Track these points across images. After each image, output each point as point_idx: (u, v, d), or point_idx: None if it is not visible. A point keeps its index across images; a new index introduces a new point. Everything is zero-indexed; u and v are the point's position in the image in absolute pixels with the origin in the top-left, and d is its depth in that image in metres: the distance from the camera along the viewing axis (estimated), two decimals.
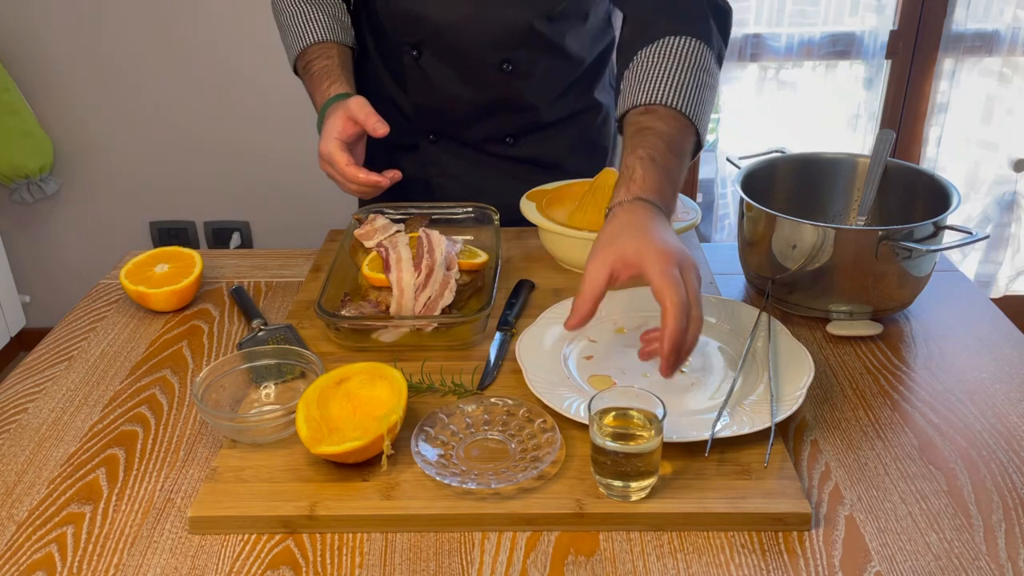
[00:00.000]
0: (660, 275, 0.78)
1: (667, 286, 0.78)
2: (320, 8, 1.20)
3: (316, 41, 1.18)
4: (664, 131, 0.93)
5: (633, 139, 0.93)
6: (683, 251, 0.82)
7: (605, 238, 0.84)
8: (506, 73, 1.18)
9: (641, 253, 0.80)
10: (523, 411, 0.84)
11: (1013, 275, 2.57)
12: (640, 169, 0.89)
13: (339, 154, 1.07)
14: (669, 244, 0.82)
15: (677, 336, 0.77)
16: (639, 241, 0.81)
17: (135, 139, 2.39)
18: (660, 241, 0.81)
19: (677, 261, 0.80)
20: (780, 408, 0.82)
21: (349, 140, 1.09)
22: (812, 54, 2.28)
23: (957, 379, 0.94)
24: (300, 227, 2.49)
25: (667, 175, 0.90)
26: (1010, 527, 0.74)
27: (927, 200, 1.05)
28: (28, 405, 0.93)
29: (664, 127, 0.93)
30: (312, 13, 1.19)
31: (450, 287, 0.99)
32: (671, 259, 0.80)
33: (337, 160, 1.07)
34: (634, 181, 0.89)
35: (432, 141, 1.29)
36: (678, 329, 0.77)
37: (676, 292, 0.78)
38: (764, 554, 0.71)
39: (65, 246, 2.54)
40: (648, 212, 0.86)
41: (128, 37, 2.27)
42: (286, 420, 0.81)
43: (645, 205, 0.87)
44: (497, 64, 1.18)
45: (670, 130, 0.93)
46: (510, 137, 1.27)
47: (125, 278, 1.09)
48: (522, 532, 0.74)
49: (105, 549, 0.73)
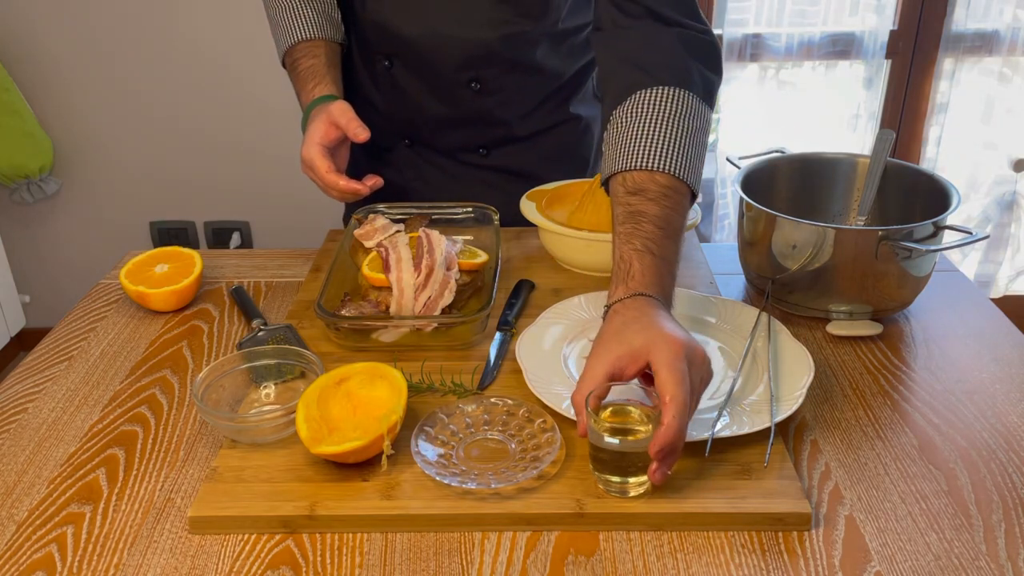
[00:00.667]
0: (667, 367, 0.73)
1: (672, 381, 0.72)
2: (310, 4, 1.19)
3: (304, 38, 1.17)
4: (657, 214, 0.87)
5: (624, 226, 0.87)
6: (692, 344, 0.76)
7: (607, 334, 0.78)
8: (475, 91, 1.18)
9: (649, 345, 0.75)
10: (523, 411, 0.84)
11: (1013, 275, 2.57)
12: (637, 263, 0.84)
13: (320, 160, 1.07)
14: (679, 335, 0.76)
15: (672, 437, 0.71)
16: (646, 333, 0.76)
17: (135, 139, 2.39)
18: (669, 332, 0.76)
19: (686, 354, 0.75)
20: (780, 408, 0.82)
21: (331, 145, 1.09)
22: (812, 54, 2.28)
23: (957, 379, 0.94)
24: (300, 227, 2.49)
25: (665, 265, 0.85)
26: (1010, 527, 0.74)
27: (927, 200, 1.05)
28: (28, 405, 0.93)
29: (656, 209, 0.87)
30: (302, 9, 1.18)
31: (450, 287, 0.99)
32: (680, 351, 0.74)
33: (318, 166, 1.07)
34: (632, 277, 0.83)
35: (408, 146, 1.28)
36: (676, 428, 0.71)
37: (680, 388, 0.72)
38: (764, 554, 0.71)
39: (65, 246, 2.54)
40: (651, 306, 0.81)
41: (128, 37, 2.27)
42: (286, 420, 0.81)
43: (647, 300, 0.81)
44: (465, 82, 1.17)
45: (663, 211, 0.88)
46: (483, 148, 1.26)
47: (125, 278, 1.09)
48: (522, 532, 0.74)
49: (105, 549, 0.73)
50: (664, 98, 0.92)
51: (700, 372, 0.76)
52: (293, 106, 2.41)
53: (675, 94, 0.92)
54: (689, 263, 1.17)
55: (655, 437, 0.71)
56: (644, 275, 0.83)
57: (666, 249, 0.86)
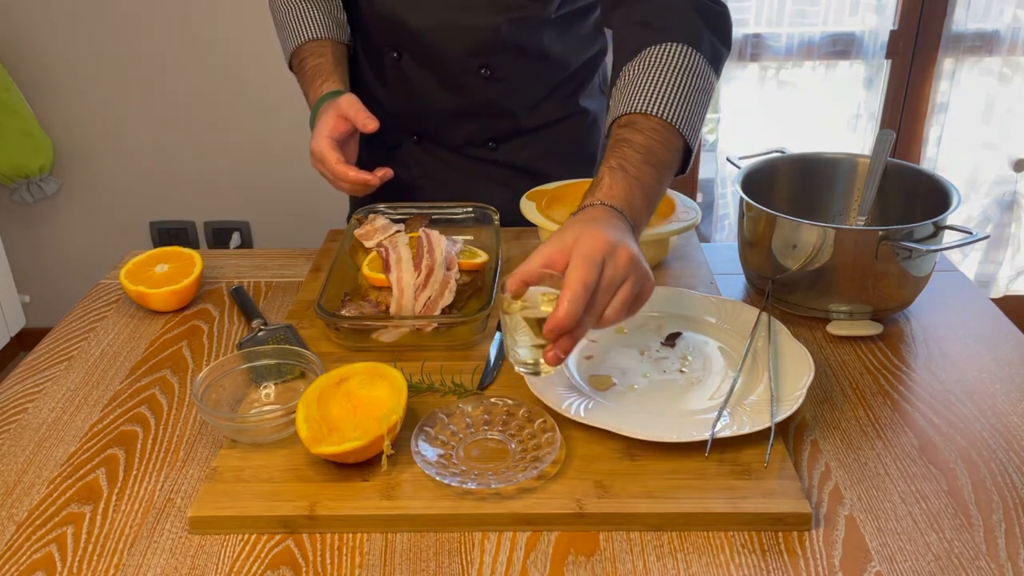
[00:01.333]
0: (579, 256, 0.74)
1: (575, 267, 0.73)
2: (316, 5, 1.21)
3: (311, 38, 1.19)
4: (640, 142, 0.88)
5: (608, 151, 0.89)
6: (620, 244, 0.77)
7: (553, 235, 0.79)
8: (484, 78, 1.18)
9: (576, 239, 0.76)
10: (523, 411, 0.84)
11: (1013, 275, 2.57)
12: (608, 178, 0.85)
13: (330, 152, 1.07)
14: (607, 234, 0.76)
15: (560, 320, 0.72)
16: (580, 230, 0.77)
17: (135, 139, 2.39)
18: (601, 230, 0.77)
19: (607, 251, 0.75)
20: (780, 408, 0.82)
21: (340, 138, 1.09)
22: (812, 54, 2.28)
23: (957, 379, 0.94)
24: (300, 227, 2.49)
25: (639, 185, 0.86)
26: (1010, 527, 0.74)
27: (927, 200, 1.05)
28: (28, 405, 0.93)
29: (641, 138, 0.89)
30: (308, 10, 1.20)
31: (450, 287, 0.99)
32: (600, 246, 0.75)
33: (328, 158, 1.07)
34: (600, 189, 0.85)
35: (415, 142, 1.29)
36: (565, 312, 0.71)
37: (579, 275, 0.73)
38: (764, 554, 0.71)
39: (65, 246, 2.54)
40: (607, 214, 0.82)
41: (128, 37, 2.27)
42: (286, 420, 0.81)
43: (607, 209, 0.82)
44: (475, 69, 1.18)
45: (648, 141, 0.89)
46: (492, 142, 1.27)
47: (125, 278, 1.09)
48: (522, 532, 0.74)
49: (105, 549, 0.73)
50: (671, 53, 0.94)
51: (619, 271, 0.76)
52: (293, 106, 2.42)
53: (682, 50, 0.94)
54: (689, 263, 1.17)
55: (549, 319, 0.72)
56: (611, 188, 0.84)
57: (642, 172, 0.86)
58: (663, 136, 0.90)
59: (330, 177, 1.09)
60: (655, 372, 0.91)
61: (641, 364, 0.92)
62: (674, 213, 1.15)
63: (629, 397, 0.87)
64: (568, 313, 0.72)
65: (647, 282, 0.79)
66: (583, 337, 0.76)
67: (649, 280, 0.80)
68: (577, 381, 0.89)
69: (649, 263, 1.12)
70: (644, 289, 0.79)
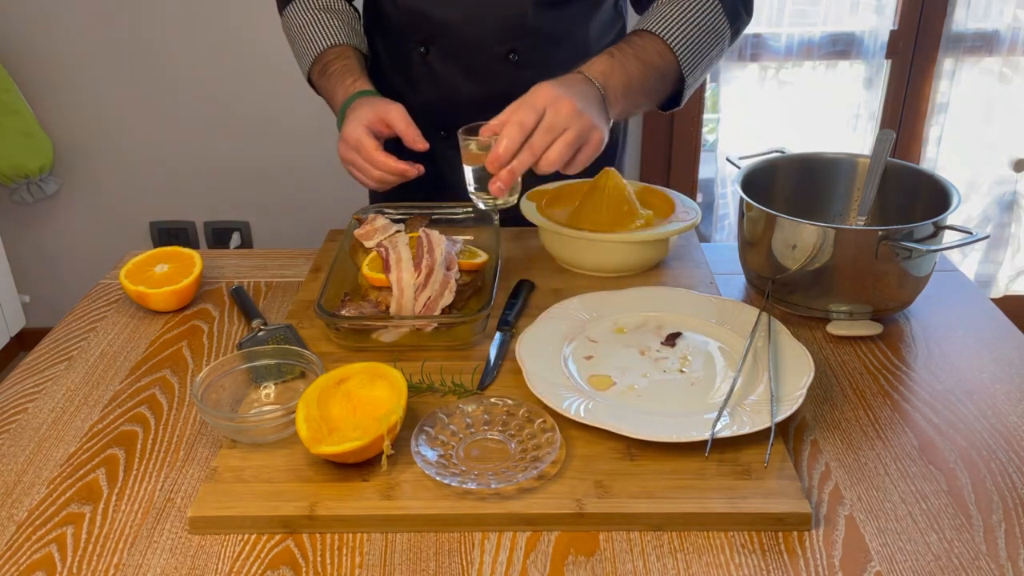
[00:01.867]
0: (523, 102, 0.86)
1: (517, 109, 0.85)
2: (336, 16, 1.23)
3: (334, 44, 1.20)
4: (638, 43, 1.01)
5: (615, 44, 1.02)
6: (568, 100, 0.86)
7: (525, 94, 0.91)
8: (512, 64, 1.19)
9: (531, 91, 0.87)
10: (523, 411, 0.84)
11: (1013, 275, 2.57)
12: (597, 58, 0.98)
13: (368, 139, 1.06)
14: (561, 91, 0.87)
15: (500, 155, 0.85)
16: (541, 84, 0.89)
17: (135, 139, 2.39)
18: (557, 88, 0.87)
19: (553, 101, 0.85)
20: (780, 408, 0.82)
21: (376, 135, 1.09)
22: (812, 54, 2.28)
23: (957, 379, 0.94)
24: (300, 227, 2.50)
25: (621, 68, 0.97)
26: (1010, 527, 0.74)
27: (927, 200, 1.05)
28: (28, 405, 0.93)
29: (640, 42, 1.01)
30: (328, 20, 1.22)
31: (450, 287, 0.99)
32: (547, 96, 0.85)
33: (366, 144, 1.06)
34: (585, 64, 0.97)
35: (444, 138, 1.29)
36: (502, 147, 0.85)
37: (520, 116, 0.85)
38: (764, 554, 0.71)
39: (65, 246, 2.54)
40: (578, 80, 0.93)
41: (128, 37, 2.27)
42: (286, 420, 0.81)
43: (580, 76, 0.94)
44: (503, 55, 1.19)
45: (644, 45, 1.01)
46: None
47: (125, 278, 1.09)
48: (522, 532, 0.74)
49: (105, 549, 0.73)
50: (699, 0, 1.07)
51: (560, 118, 0.87)
52: (293, 106, 2.42)
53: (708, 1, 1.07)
54: (689, 263, 1.17)
55: (489, 152, 0.86)
56: (593, 64, 0.97)
57: (628, 62, 0.99)
58: (660, 50, 1.03)
59: (364, 165, 1.07)
60: (655, 372, 0.91)
61: (641, 364, 0.92)
62: (674, 213, 1.15)
63: (629, 397, 0.87)
64: (504, 148, 0.86)
65: (594, 133, 0.89)
66: (522, 171, 0.89)
67: (597, 131, 0.89)
68: (577, 381, 0.89)
69: (649, 263, 1.14)
70: (591, 139, 0.89)
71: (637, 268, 1.14)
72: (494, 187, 0.88)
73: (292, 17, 1.26)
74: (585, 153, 0.90)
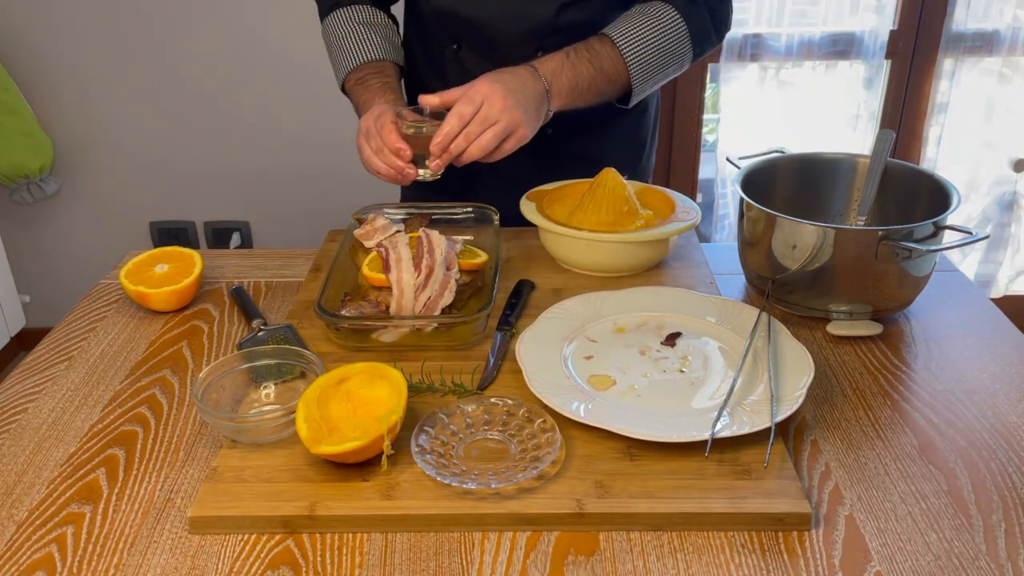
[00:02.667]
0: (465, 95, 1.02)
1: (460, 102, 1.02)
2: (376, 30, 1.26)
3: (373, 59, 1.24)
4: (596, 49, 1.13)
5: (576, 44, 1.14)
6: (503, 95, 1.02)
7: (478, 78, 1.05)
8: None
9: (476, 81, 1.03)
10: (523, 411, 0.84)
11: (1013, 275, 2.57)
12: (553, 55, 1.12)
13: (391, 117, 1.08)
14: (499, 86, 1.03)
15: (440, 142, 1.02)
16: (488, 76, 1.05)
17: (135, 139, 2.39)
18: (494, 82, 1.03)
19: (486, 95, 1.02)
20: (780, 408, 0.82)
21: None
22: (812, 54, 2.28)
23: (957, 379, 0.94)
24: (300, 227, 2.50)
25: (572, 69, 1.11)
26: (1010, 527, 0.74)
27: (927, 200, 1.05)
28: (28, 405, 0.93)
29: (598, 47, 1.14)
30: (368, 35, 1.25)
31: (450, 287, 0.99)
32: (485, 91, 1.02)
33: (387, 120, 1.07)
34: (538, 60, 1.11)
35: None
36: (443, 135, 1.02)
37: (460, 108, 1.01)
38: (764, 554, 0.71)
39: (65, 246, 2.54)
40: (522, 71, 1.08)
41: (128, 37, 2.27)
42: (286, 420, 0.81)
43: (529, 68, 1.08)
44: (532, 53, 1.19)
45: (601, 51, 1.13)
46: (549, 127, 1.26)
47: (125, 278, 1.09)
48: (522, 532, 0.74)
49: (105, 549, 0.73)
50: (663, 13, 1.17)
51: (492, 112, 1.02)
52: (293, 106, 2.42)
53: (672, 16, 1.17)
54: (689, 263, 1.17)
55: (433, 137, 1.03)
56: (547, 61, 1.11)
57: (580, 64, 1.12)
58: (614, 59, 1.15)
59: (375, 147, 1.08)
60: (655, 372, 0.91)
61: (641, 364, 0.92)
62: (674, 213, 1.15)
63: (629, 397, 0.87)
64: (444, 135, 1.02)
65: (520, 128, 1.04)
66: (457, 154, 1.04)
67: (523, 127, 1.05)
68: (577, 381, 0.89)
69: (649, 263, 1.14)
70: (517, 132, 1.04)
71: (637, 268, 1.14)
72: (433, 164, 1.05)
73: (333, 27, 1.28)
74: (509, 143, 1.05)
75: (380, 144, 1.08)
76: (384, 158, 1.08)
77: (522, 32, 1.19)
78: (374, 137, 1.09)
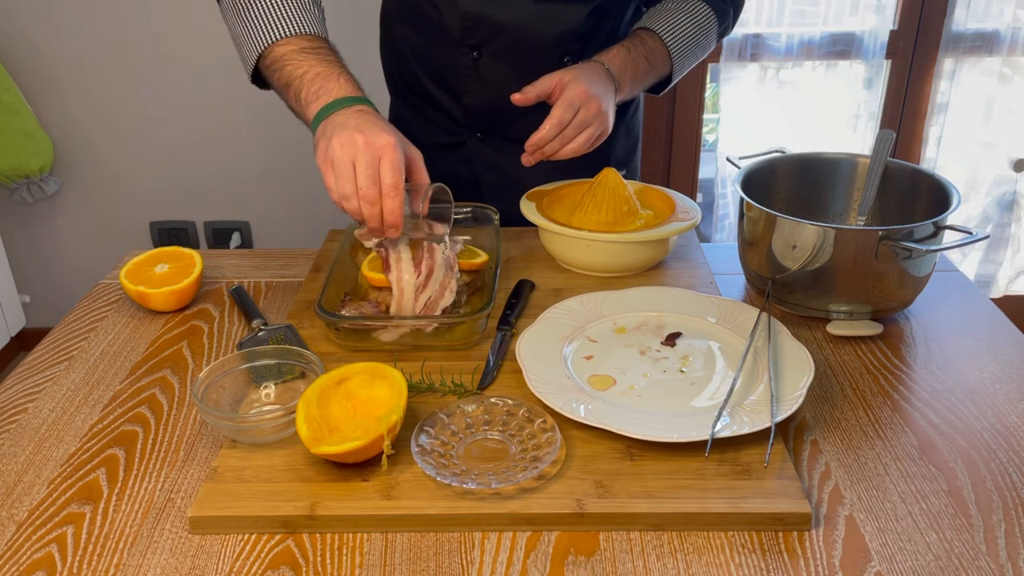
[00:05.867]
0: (563, 100, 1.07)
1: (560, 108, 1.06)
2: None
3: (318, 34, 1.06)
4: (650, 45, 1.20)
5: (628, 38, 1.20)
6: (598, 99, 1.08)
7: (561, 71, 1.11)
8: (563, 65, 1.18)
9: (568, 82, 1.08)
10: (523, 411, 0.84)
11: (1013, 275, 2.57)
12: (615, 51, 1.17)
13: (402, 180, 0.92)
14: (593, 89, 1.08)
15: (542, 139, 1.07)
16: (576, 75, 1.09)
17: (135, 139, 2.39)
18: (588, 85, 1.08)
19: (584, 100, 1.07)
20: (780, 408, 0.82)
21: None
22: (812, 54, 2.28)
23: (957, 379, 0.94)
24: (300, 227, 2.50)
25: (632, 66, 1.17)
26: (1010, 527, 0.74)
27: (927, 200, 1.05)
28: (28, 405, 0.93)
29: (651, 43, 1.20)
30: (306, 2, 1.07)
31: (450, 287, 0.99)
32: (581, 96, 1.07)
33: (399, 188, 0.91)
34: (606, 55, 1.16)
35: (480, 139, 1.29)
36: (543, 136, 1.07)
37: (560, 112, 1.06)
38: (764, 554, 0.71)
39: (65, 246, 2.54)
40: (600, 70, 1.13)
41: (128, 37, 2.27)
42: (286, 420, 0.81)
43: (601, 67, 1.14)
44: (558, 58, 1.19)
45: (653, 47, 1.20)
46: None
47: (125, 278, 1.09)
48: (522, 532, 0.74)
49: (105, 549, 0.73)
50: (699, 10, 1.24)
51: (588, 116, 1.08)
52: None
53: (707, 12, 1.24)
54: (689, 263, 1.17)
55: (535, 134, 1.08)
56: (614, 58, 1.17)
57: (639, 61, 1.19)
58: (662, 55, 1.22)
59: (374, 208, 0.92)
60: (655, 372, 0.91)
61: (641, 364, 0.92)
62: (674, 213, 1.15)
63: (629, 397, 0.87)
64: (544, 136, 1.07)
65: (607, 131, 1.11)
66: (551, 154, 1.10)
67: (609, 127, 1.11)
68: (577, 381, 0.89)
69: (649, 263, 1.14)
70: (604, 132, 1.11)
71: (637, 268, 1.14)
72: (526, 159, 1.10)
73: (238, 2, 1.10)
74: (599, 143, 1.11)
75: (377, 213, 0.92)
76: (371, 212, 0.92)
77: (552, 37, 1.17)
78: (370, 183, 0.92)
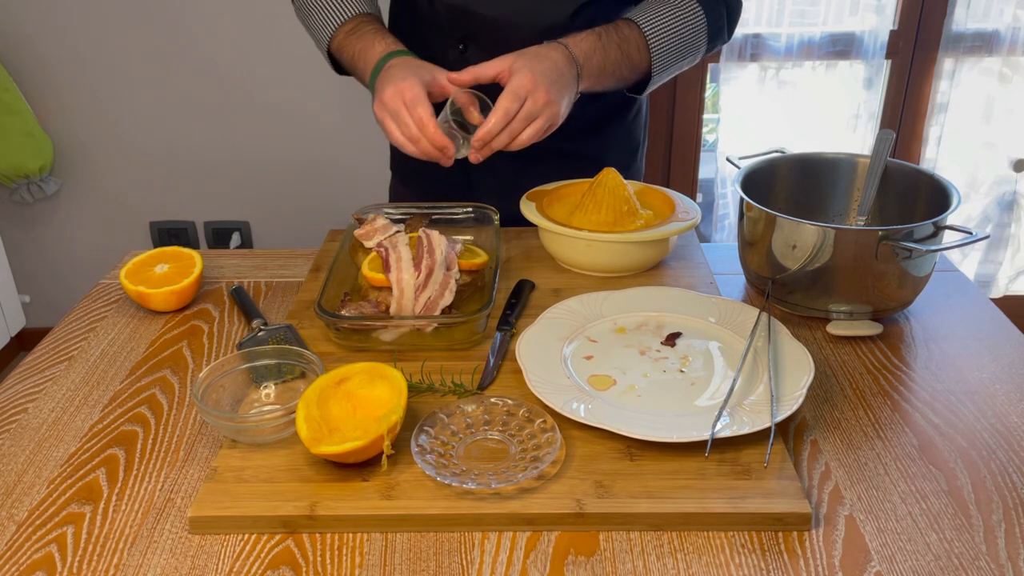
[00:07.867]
0: (508, 90, 1.01)
1: (506, 99, 1.00)
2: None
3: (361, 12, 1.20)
4: (625, 34, 1.13)
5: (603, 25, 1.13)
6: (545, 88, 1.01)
7: (511, 55, 1.05)
8: None
9: (516, 70, 1.02)
10: (523, 411, 0.84)
11: (1013, 275, 2.57)
12: (585, 35, 1.10)
13: (426, 100, 1.03)
14: (541, 78, 1.02)
15: (488, 131, 1.01)
16: (528, 61, 1.03)
17: (135, 139, 2.39)
18: (537, 73, 1.02)
19: (531, 89, 1.00)
20: (780, 408, 0.82)
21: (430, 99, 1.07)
22: (812, 54, 2.28)
23: (957, 379, 0.94)
24: (300, 227, 2.50)
25: (602, 53, 1.10)
26: (1010, 527, 0.74)
27: (927, 200, 1.05)
28: (28, 405, 0.93)
29: (627, 32, 1.13)
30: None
31: (450, 287, 0.99)
32: (527, 85, 1.01)
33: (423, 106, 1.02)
34: (573, 38, 1.09)
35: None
36: (487, 131, 1.01)
37: (508, 104, 1.00)
38: (764, 554, 0.71)
39: (65, 246, 2.54)
40: (560, 53, 1.06)
41: (128, 37, 2.27)
42: (286, 420, 0.81)
43: (563, 49, 1.07)
44: None
45: (631, 37, 1.13)
46: None
47: (125, 278, 1.09)
48: (522, 532, 0.74)
49: (105, 549, 0.73)
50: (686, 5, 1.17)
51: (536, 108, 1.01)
52: (294, 106, 2.42)
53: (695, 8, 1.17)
54: (689, 263, 1.17)
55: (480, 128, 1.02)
56: (581, 41, 1.09)
57: (611, 48, 1.12)
58: (640, 46, 1.15)
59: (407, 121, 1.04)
60: (655, 372, 0.91)
61: (641, 364, 0.92)
62: (674, 213, 1.15)
63: (629, 397, 0.87)
64: (490, 130, 1.01)
65: (557, 121, 1.05)
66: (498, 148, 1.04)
67: (559, 119, 1.05)
68: (577, 381, 0.89)
69: (649, 263, 1.14)
70: (553, 124, 1.05)
71: (637, 268, 1.14)
72: (473, 156, 1.05)
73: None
74: (548, 133, 1.06)
75: (418, 135, 1.04)
76: (422, 147, 1.04)
77: (536, 31, 1.17)
78: (407, 124, 1.03)
